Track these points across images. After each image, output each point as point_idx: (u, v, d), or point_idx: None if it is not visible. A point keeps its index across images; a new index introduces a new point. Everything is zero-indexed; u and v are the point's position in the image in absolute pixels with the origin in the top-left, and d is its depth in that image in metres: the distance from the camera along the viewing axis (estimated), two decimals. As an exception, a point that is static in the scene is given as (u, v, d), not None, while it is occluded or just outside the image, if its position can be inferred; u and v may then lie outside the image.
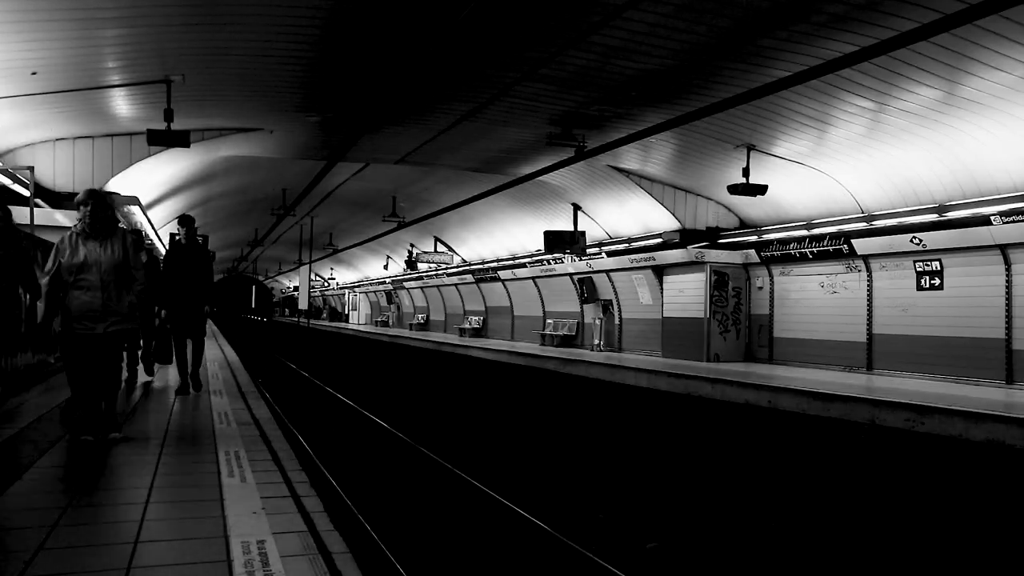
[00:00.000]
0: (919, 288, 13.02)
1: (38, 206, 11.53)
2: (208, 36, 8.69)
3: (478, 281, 27.91)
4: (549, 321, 24.20)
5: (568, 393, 15.39)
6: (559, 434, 11.11)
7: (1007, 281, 11.60)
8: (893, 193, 12.54)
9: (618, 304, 20.64)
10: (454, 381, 18.91)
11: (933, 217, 11.95)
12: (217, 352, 16.05)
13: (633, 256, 18.16)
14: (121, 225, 6.29)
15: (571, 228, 18.36)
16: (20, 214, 11.13)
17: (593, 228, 18.94)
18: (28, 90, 9.72)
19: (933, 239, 12.30)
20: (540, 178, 14.63)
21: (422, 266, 29.17)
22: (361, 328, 42.59)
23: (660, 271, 17.99)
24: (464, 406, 14.15)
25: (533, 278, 24.23)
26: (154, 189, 16.66)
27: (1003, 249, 11.52)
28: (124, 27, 8.19)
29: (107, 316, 5.32)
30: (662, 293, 18.09)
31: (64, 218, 12.54)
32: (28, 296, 6.92)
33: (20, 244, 6.37)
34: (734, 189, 12.52)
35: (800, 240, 14.88)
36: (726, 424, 11.35)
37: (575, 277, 21.88)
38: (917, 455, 8.78)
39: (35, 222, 10.64)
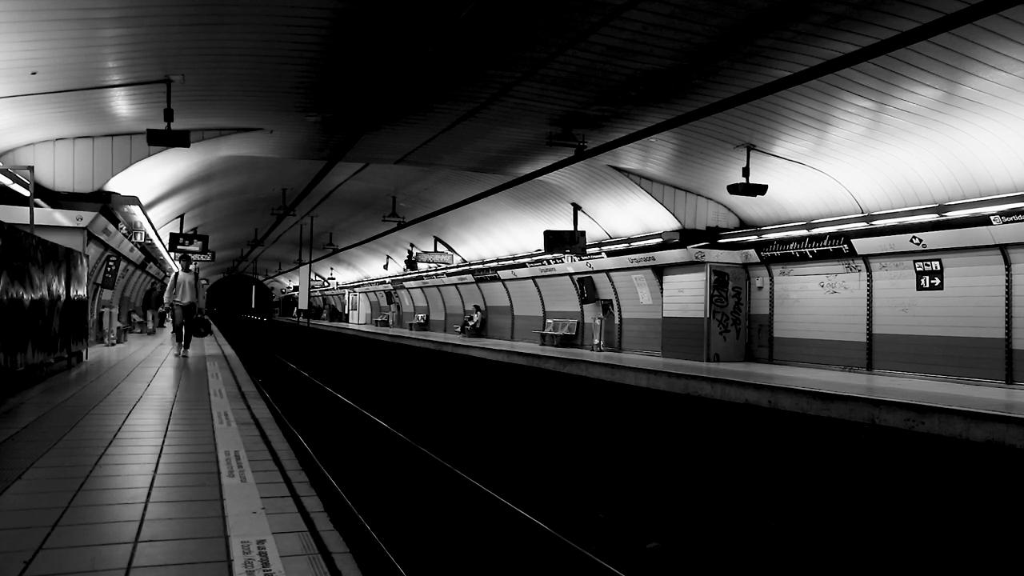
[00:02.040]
0: (919, 288, 13.02)
1: (38, 206, 11.53)
2: (208, 36, 8.69)
3: (478, 281, 27.91)
4: (549, 321, 24.21)
5: (568, 393, 15.39)
6: (559, 434, 11.10)
7: (1007, 281, 11.61)
8: (893, 193, 12.54)
9: (618, 304, 20.64)
10: (454, 380, 18.90)
11: (933, 217, 11.95)
12: (217, 352, 16.04)
13: (633, 256, 18.16)
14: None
15: (571, 228, 18.37)
16: (20, 214, 11.15)
17: (593, 228, 18.94)
18: (28, 90, 9.72)
19: (933, 239, 12.31)
20: (540, 178, 14.64)
21: (422, 266, 29.17)
22: (361, 328, 42.61)
23: (660, 271, 17.99)
24: (464, 405, 14.14)
25: (533, 278, 24.24)
26: (154, 189, 16.65)
27: (1003, 249, 11.53)
28: (124, 27, 8.18)
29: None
30: (662, 293, 18.10)
31: (64, 218, 12.54)
32: None
33: None
34: (734, 189, 12.52)
35: (800, 240, 14.88)
36: (726, 424, 11.35)
37: (575, 277, 21.88)
38: (917, 455, 8.79)
39: (35, 222, 10.64)
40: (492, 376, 18.97)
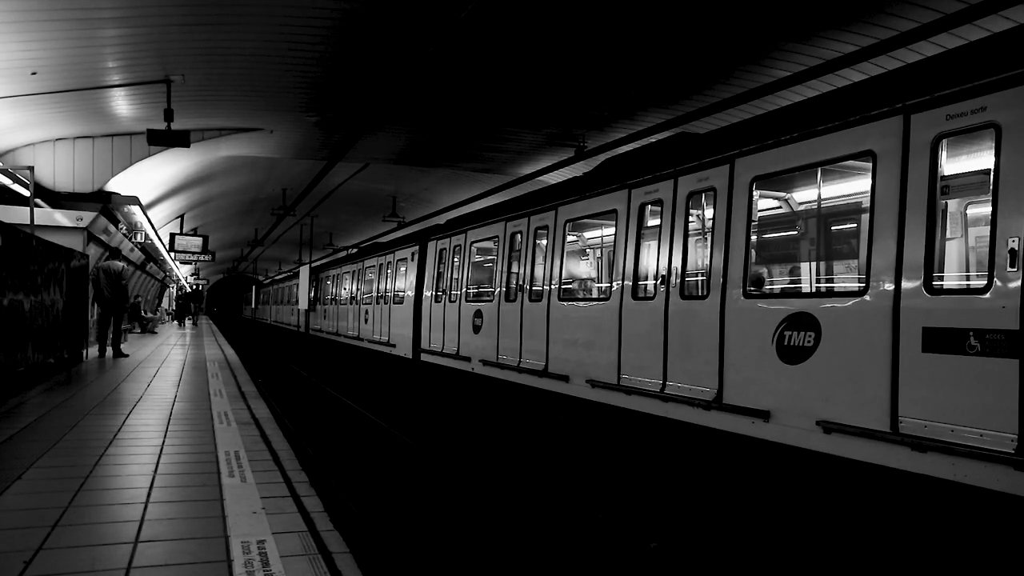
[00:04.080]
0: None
1: (38, 206, 11.53)
2: (208, 36, 8.69)
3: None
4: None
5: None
6: (559, 433, 11.09)
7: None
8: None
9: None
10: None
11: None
12: (217, 352, 16.04)
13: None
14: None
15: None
16: (20, 214, 11.16)
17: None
18: (28, 90, 9.72)
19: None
20: (540, 178, 14.64)
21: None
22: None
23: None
24: (464, 404, 14.13)
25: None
26: (154, 189, 16.66)
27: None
28: (124, 27, 8.19)
29: None
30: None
31: (64, 218, 12.54)
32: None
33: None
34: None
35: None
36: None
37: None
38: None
39: (35, 222, 10.64)
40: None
